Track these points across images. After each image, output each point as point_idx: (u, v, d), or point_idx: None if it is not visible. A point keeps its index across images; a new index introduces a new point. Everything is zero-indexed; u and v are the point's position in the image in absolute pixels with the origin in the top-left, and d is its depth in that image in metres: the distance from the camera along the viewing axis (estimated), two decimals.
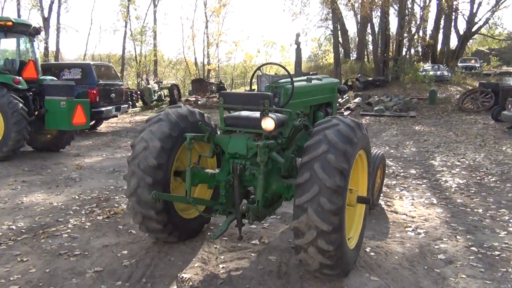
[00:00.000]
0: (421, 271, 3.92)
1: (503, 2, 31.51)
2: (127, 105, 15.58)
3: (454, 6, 31.22)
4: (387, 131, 14.81)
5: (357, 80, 30.78)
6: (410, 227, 5.04)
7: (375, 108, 20.10)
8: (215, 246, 4.42)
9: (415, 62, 33.81)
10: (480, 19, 32.86)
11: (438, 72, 28.68)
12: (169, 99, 24.46)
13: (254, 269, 3.92)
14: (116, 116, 15.42)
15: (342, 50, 40.52)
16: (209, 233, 4.57)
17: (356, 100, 22.80)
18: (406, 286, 3.65)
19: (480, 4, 32.17)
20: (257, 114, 4.01)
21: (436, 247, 4.46)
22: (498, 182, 7.24)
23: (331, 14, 31.81)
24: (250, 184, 4.06)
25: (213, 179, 4.18)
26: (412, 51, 35.49)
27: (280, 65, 4.78)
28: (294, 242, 3.44)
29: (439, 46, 35.23)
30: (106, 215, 5.26)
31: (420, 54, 37.22)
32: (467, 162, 9.03)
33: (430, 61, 34.47)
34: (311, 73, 19.89)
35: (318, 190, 3.23)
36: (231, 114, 4.23)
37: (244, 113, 4.19)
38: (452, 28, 34.76)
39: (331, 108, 5.80)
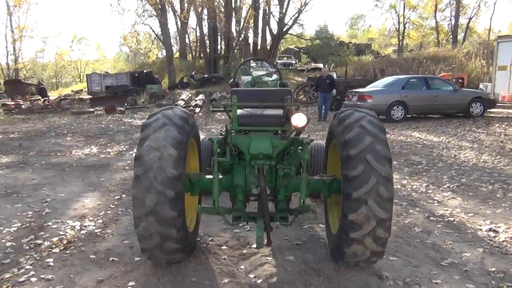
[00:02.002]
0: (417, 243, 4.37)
1: (306, 6, 35.95)
2: None
3: (263, 7, 34.11)
4: None
5: (192, 77, 31.08)
6: None
7: (223, 103, 20.73)
8: (223, 257, 4.07)
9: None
10: (290, 19, 36.78)
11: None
12: None
13: (288, 271, 3.76)
14: None
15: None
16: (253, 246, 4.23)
17: (200, 97, 23.08)
18: (420, 258, 4.02)
19: (288, 5, 36.04)
20: (273, 111, 3.85)
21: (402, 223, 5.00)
22: None
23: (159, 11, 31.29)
24: (272, 185, 3.87)
25: (221, 184, 3.84)
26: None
27: (265, 60, 4.63)
28: (350, 235, 3.41)
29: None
30: (62, 246, 4.27)
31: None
32: None
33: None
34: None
35: (376, 180, 3.30)
36: (243, 113, 3.92)
37: (257, 111, 3.95)
38: (267, 28, 38.03)
39: None
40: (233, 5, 33.06)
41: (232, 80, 5.85)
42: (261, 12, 34.68)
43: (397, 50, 43.96)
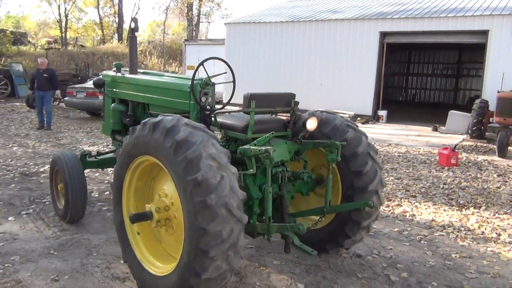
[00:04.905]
0: None
1: None
2: None
3: None
4: None
5: None
6: None
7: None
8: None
9: None
10: None
11: None
12: None
13: (328, 274, 3.84)
14: None
15: None
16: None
17: None
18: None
19: None
20: (274, 116, 3.73)
21: None
22: None
23: None
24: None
25: None
26: None
27: (223, 60, 4.16)
28: (361, 224, 3.82)
29: None
30: None
31: None
32: None
33: None
34: None
35: None
36: (256, 119, 3.54)
37: (263, 116, 3.67)
38: None
39: None
40: None
41: (97, 77, 4.90)
42: None
43: (64, 43, 41.87)
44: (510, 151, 10.26)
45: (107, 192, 6.16)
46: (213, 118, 3.77)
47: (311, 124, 3.65)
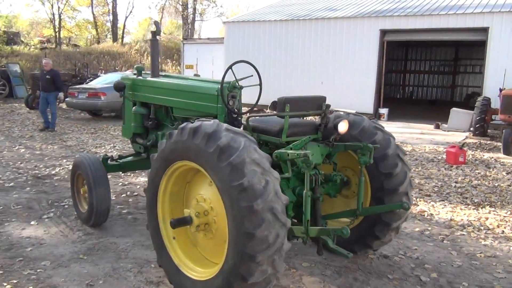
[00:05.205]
0: None
1: None
2: None
3: None
4: None
5: None
6: None
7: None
8: None
9: None
10: None
11: None
12: None
13: (359, 275, 3.86)
14: None
15: None
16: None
17: None
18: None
19: None
20: (305, 119, 3.74)
21: None
22: None
23: None
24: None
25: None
26: None
27: (251, 64, 4.15)
28: (392, 226, 3.85)
29: None
30: None
31: None
32: None
33: None
34: None
35: None
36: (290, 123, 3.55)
37: (294, 120, 3.68)
38: None
39: None
40: None
41: (118, 81, 4.90)
42: None
43: (58, 42, 41.53)
44: None
45: (124, 195, 6.15)
46: (244, 122, 3.78)
47: (343, 127, 3.67)
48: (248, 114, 3.88)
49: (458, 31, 15.10)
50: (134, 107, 4.98)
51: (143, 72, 5.04)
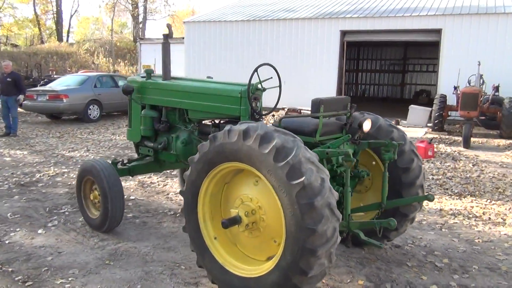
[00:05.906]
0: None
1: None
2: None
3: None
4: None
5: None
6: None
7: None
8: None
9: None
10: None
11: None
12: None
13: (381, 265, 4.08)
14: None
15: None
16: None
17: None
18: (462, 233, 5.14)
19: None
20: (333, 119, 3.94)
21: None
22: None
23: None
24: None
25: None
26: None
27: (273, 67, 4.26)
28: (409, 216, 4.13)
29: None
30: None
31: None
32: None
33: None
34: None
35: None
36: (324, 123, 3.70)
37: (324, 119, 3.85)
38: None
39: None
40: None
41: (126, 84, 4.88)
42: None
43: None
44: (473, 142, 11.20)
45: (132, 197, 6.09)
46: (271, 122, 3.91)
47: (367, 126, 3.90)
48: (275, 115, 4.01)
49: (414, 32, 15.97)
50: (143, 110, 4.95)
51: (152, 75, 5.01)
